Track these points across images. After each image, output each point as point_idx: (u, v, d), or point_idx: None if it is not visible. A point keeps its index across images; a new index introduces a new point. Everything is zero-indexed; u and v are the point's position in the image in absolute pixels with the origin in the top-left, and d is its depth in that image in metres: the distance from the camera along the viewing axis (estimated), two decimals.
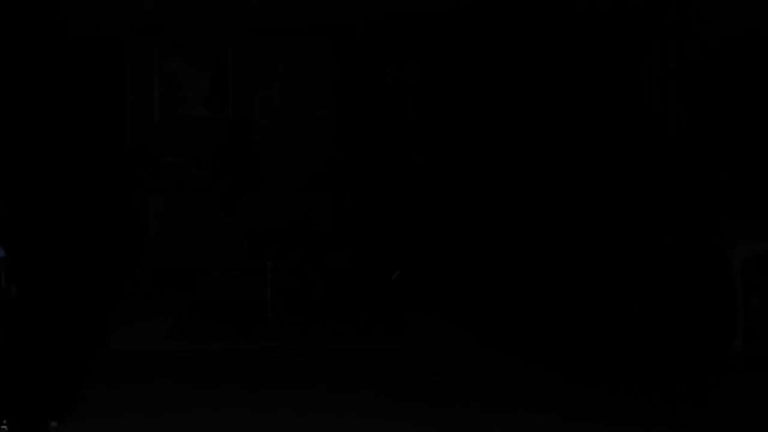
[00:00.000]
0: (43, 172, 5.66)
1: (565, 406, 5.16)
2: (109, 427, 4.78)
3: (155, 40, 9.22)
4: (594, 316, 7.46)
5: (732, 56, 7.28)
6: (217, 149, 9.13)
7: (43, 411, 1.85)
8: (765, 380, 5.81)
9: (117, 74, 9.06)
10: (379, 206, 9.04)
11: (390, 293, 8.39)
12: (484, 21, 8.97)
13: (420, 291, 8.54)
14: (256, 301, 8.04)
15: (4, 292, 4.82)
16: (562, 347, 6.62)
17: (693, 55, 7.78)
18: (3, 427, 4.55)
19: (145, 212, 8.70)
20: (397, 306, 8.06)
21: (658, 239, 7.32)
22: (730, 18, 7.37)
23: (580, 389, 5.50)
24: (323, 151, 9.39)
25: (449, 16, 8.97)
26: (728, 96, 7.30)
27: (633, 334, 6.97)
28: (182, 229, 8.71)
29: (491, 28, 8.95)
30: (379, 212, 9.01)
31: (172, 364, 6.18)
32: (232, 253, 8.47)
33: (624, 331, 7.05)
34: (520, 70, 8.91)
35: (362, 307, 8.05)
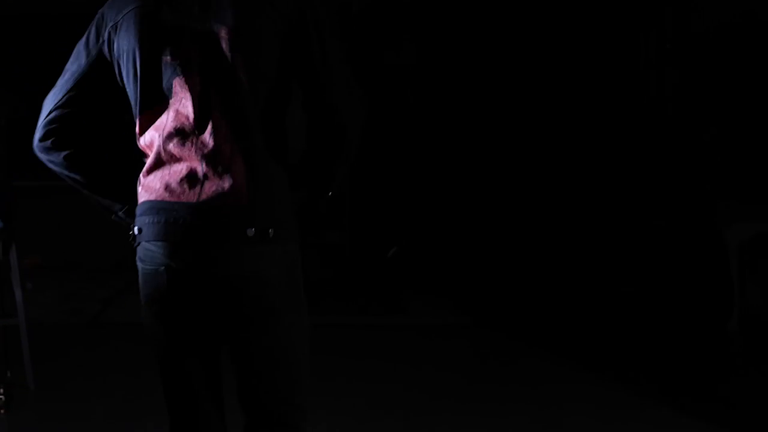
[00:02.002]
0: None
1: (555, 380, 5.22)
2: (107, 395, 4.82)
3: None
4: (589, 296, 7.50)
5: (729, 39, 7.29)
6: None
7: None
8: (760, 361, 5.84)
9: None
10: (376, 185, 9.04)
11: (386, 271, 8.41)
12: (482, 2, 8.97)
13: (416, 269, 8.57)
14: None
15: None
16: (556, 326, 6.65)
17: (690, 36, 7.79)
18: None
19: None
20: (393, 284, 8.08)
21: (655, 220, 7.35)
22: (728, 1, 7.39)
23: (572, 366, 5.56)
24: None
25: None
26: (725, 78, 7.31)
27: (627, 315, 7.00)
28: None
29: (488, 9, 8.95)
30: (375, 191, 9.02)
31: None
32: None
33: (618, 311, 7.08)
34: (515, 51, 8.92)
35: (359, 285, 8.07)
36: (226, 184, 2.20)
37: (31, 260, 7.81)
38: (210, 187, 2.20)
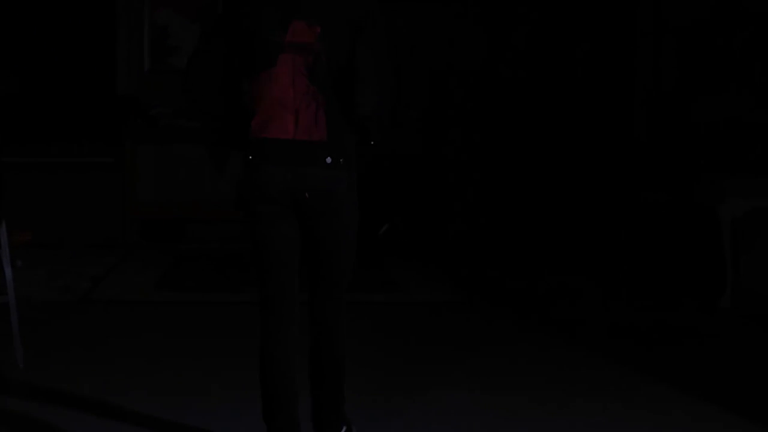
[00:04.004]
0: None
1: (549, 356, 5.22)
2: (97, 372, 4.80)
3: None
4: (582, 271, 7.50)
5: (724, 15, 7.27)
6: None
7: None
8: (752, 336, 5.85)
9: (107, 23, 8.97)
10: (367, 161, 9.02)
11: (378, 247, 8.39)
12: None
13: (408, 245, 8.56)
14: (244, 253, 8.01)
15: None
16: (549, 302, 6.66)
17: (686, 8, 7.77)
18: None
19: (134, 163, 8.63)
20: (385, 260, 8.07)
21: (647, 196, 7.33)
22: None
23: (566, 338, 5.58)
24: None
25: None
26: (720, 52, 7.30)
27: (621, 288, 7.01)
28: (171, 181, 8.65)
29: None
30: (367, 167, 9.00)
31: (160, 315, 6.19)
32: (221, 205, 8.39)
33: (612, 285, 7.09)
34: (514, 24, 8.88)
35: None
36: (313, 127, 3.27)
37: (22, 237, 7.75)
38: (301, 129, 3.27)
